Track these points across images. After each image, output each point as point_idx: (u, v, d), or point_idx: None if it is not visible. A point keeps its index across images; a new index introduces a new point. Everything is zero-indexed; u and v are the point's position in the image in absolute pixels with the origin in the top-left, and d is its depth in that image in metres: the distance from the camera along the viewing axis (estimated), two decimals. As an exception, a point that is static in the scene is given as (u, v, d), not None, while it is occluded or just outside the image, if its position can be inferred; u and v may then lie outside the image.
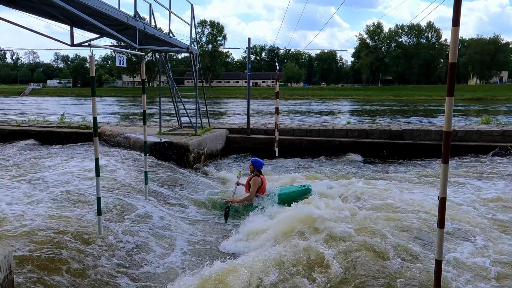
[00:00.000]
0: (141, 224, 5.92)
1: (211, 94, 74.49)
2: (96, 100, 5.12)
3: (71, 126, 15.22)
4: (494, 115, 27.78)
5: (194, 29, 12.08)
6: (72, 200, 6.46)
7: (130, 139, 12.17)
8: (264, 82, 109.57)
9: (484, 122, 17.40)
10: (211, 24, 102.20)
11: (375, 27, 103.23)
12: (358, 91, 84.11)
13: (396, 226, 5.85)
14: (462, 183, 8.94)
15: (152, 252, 5.21)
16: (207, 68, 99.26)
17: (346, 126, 14.90)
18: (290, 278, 4.43)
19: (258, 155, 12.67)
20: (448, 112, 2.99)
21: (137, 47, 7.83)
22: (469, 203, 7.22)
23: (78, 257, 4.55)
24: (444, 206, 3.14)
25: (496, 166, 10.76)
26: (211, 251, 5.62)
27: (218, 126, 14.70)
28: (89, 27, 7.56)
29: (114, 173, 8.44)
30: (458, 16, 2.83)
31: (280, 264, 4.66)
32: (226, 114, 36.41)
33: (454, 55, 2.88)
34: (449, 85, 2.96)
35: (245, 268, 4.50)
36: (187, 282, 4.41)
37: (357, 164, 12.06)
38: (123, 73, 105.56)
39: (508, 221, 6.35)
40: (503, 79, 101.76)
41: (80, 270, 4.37)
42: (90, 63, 5.03)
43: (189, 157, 10.70)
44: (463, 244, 5.37)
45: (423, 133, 13.51)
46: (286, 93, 77.78)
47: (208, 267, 4.66)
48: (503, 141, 13.32)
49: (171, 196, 7.66)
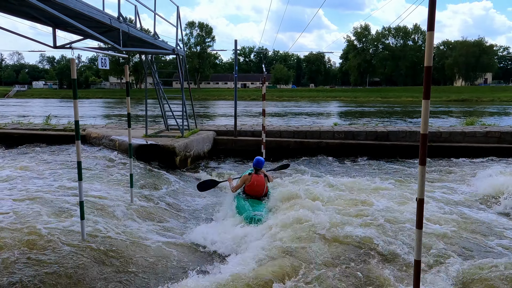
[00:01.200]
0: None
1: (199, 96, 74.29)
2: (82, 102, 5.11)
3: (56, 129, 15.01)
4: (478, 116, 28.27)
5: (180, 30, 12.04)
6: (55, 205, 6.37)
7: (116, 141, 12.05)
8: (253, 84, 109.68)
9: (469, 123, 17.70)
10: (200, 26, 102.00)
11: (363, 29, 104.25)
12: (346, 92, 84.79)
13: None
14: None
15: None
16: (196, 70, 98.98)
17: (333, 127, 15.01)
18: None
19: (246, 157, 12.75)
20: (424, 115, 3.04)
21: (121, 49, 7.77)
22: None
23: (61, 262, 4.49)
24: (422, 207, 3.19)
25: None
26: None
27: (205, 128, 14.67)
28: (72, 29, 7.48)
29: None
30: (432, 21, 2.88)
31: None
32: (214, 116, 36.34)
33: (430, 59, 2.93)
34: (425, 88, 3.01)
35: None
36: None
37: (342, 165, 12.14)
38: (110, 74, 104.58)
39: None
40: (487, 80, 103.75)
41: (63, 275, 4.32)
42: (71, 65, 4.98)
43: (176, 159, 10.65)
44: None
45: (409, 135, 13.69)
46: (275, 94, 77.98)
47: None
48: (486, 142, 13.59)
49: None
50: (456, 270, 4.60)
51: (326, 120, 30.77)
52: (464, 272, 4.58)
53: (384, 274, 4.56)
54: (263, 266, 4.64)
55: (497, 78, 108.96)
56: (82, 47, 6.80)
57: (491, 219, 6.73)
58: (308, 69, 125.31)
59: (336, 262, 4.85)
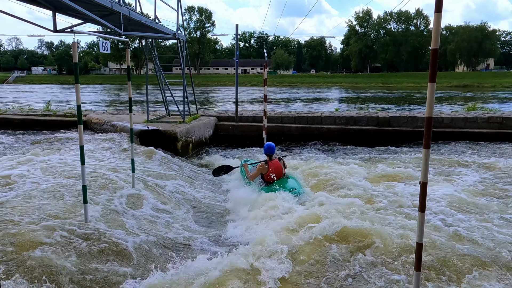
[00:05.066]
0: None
1: (199, 82, 73.87)
2: (82, 88, 5.06)
3: (56, 114, 15.00)
4: (480, 102, 28.16)
5: (181, 15, 11.90)
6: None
7: (117, 127, 12.05)
8: (253, 70, 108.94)
9: (470, 109, 17.64)
10: (199, 11, 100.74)
11: (364, 14, 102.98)
12: (347, 78, 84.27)
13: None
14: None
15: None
16: (196, 55, 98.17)
17: (334, 113, 14.97)
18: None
19: (247, 142, 12.77)
20: (430, 98, 3.02)
21: (122, 33, 7.70)
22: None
23: (66, 245, 4.53)
24: (425, 190, 3.19)
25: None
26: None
27: (206, 114, 14.64)
28: (72, 13, 7.40)
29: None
30: (440, 2, 2.84)
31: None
32: (215, 102, 36.22)
33: (437, 42, 2.89)
34: (431, 71, 2.98)
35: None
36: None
37: (344, 150, 12.15)
38: (109, 60, 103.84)
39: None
40: (490, 66, 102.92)
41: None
42: (73, 49, 4.95)
43: (177, 145, 10.66)
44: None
45: (410, 120, 13.66)
46: (275, 80, 77.53)
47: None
48: (488, 127, 13.57)
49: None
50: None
51: (327, 106, 30.66)
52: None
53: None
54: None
55: (499, 63, 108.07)
56: (83, 31, 6.72)
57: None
58: (309, 54, 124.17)
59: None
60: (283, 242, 4.88)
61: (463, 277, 4.27)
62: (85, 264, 4.31)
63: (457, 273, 4.34)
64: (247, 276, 4.29)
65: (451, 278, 4.28)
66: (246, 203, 6.73)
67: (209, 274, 4.22)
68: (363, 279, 4.32)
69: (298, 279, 4.31)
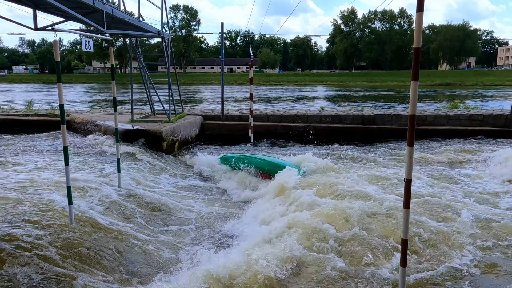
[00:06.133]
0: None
1: (185, 81, 73.40)
2: (65, 87, 4.97)
3: (38, 114, 14.69)
4: (462, 100, 28.72)
5: (166, 13, 11.79)
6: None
7: (101, 126, 11.87)
8: (240, 68, 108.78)
9: (452, 106, 17.98)
10: (185, 9, 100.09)
11: (349, 13, 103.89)
12: (332, 77, 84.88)
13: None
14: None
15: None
16: (181, 54, 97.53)
17: (320, 111, 15.06)
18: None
19: (233, 141, 12.75)
20: (413, 97, 3.06)
21: (105, 31, 7.58)
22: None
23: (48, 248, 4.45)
24: (410, 187, 3.24)
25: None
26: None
27: (192, 113, 14.55)
28: (53, 10, 7.23)
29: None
30: (422, 2, 2.88)
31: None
32: (201, 101, 36.02)
33: (418, 40, 2.93)
34: (414, 70, 3.02)
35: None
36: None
37: (327, 147, 12.23)
38: (93, 58, 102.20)
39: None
40: (471, 65, 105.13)
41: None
42: (54, 48, 4.85)
43: (163, 144, 10.56)
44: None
45: (394, 118, 13.84)
46: (261, 79, 77.58)
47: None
48: (469, 125, 13.84)
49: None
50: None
51: (313, 105, 30.83)
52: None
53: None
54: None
55: (481, 62, 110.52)
56: (65, 29, 6.59)
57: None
58: (295, 53, 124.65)
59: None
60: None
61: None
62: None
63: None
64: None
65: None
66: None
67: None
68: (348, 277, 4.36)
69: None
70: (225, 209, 7.00)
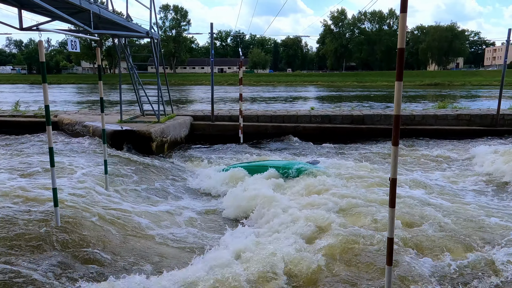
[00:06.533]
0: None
1: (176, 81, 73.02)
2: (53, 88, 4.96)
3: (25, 115, 14.50)
4: (450, 100, 29.03)
5: (155, 13, 11.72)
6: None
7: (90, 127, 11.77)
8: (230, 69, 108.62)
9: (441, 106, 18.19)
10: (175, 9, 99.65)
11: (339, 13, 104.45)
12: (323, 77, 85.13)
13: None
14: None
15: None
16: (172, 54, 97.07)
17: (310, 111, 15.12)
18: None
19: (223, 141, 12.73)
20: (397, 97, 3.09)
21: (92, 31, 7.52)
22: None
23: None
24: (395, 186, 3.27)
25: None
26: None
27: (182, 113, 14.49)
28: (39, 10, 7.15)
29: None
30: (405, 3, 2.91)
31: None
32: (191, 101, 35.88)
33: (402, 41, 2.96)
34: (398, 70, 3.05)
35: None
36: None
37: (318, 147, 12.29)
38: (82, 59, 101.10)
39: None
40: (459, 65, 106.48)
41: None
42: (39, 48, 4.79)
43: (152, 145, 10.50)
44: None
45: (383, 118, 13.96)
46: (252, 79, 77.49)
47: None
48: (457, 124, 14.03)
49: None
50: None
51: (304, 105, 30.91)
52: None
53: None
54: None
55: (468, 62, 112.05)
56: (50, 29, 6.52)
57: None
58: (285, 53, 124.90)
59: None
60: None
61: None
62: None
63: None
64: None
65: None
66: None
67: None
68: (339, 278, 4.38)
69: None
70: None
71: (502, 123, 13.99)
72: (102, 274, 4.28)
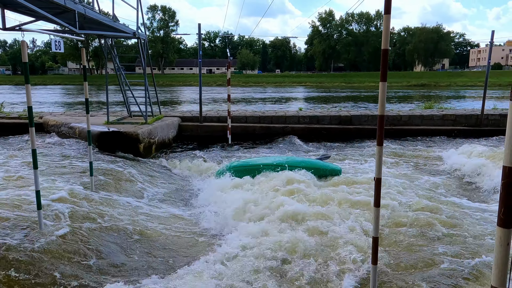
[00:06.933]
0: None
1: (164, 82, 72.55)
2: (39, 89, 4.93)
3: (10, 117, 14.24)
4: (436, 101, 29.45)
5: (141, 13, 11.64)
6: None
7: (76, 129, 11.62)
8: (219, 69, 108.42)
9: (427, 107, 18.44)
10: (162, 10, 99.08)
11: (327, 15, 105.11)
12: (311, 78, 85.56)
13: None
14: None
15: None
16: (160, 55, 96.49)
17: (298, 112, 15.17)
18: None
19: (211, 142, 12.69)
20: (381, 97, 3.12)
21: (77, 31, 7.42)
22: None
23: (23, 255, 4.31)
24: (380, 186, 3.30)
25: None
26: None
27: (170, 114, 14.41)
28: (23, 10, 7.02)
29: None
30: (389, 5, 2.93)
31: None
32: (180, 102, 35.69)
33: (386, 42, 2.99)
34: (382, 71, 3.08)
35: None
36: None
37: (304, 148, 12.33)
38: (68, 59, 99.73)
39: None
40: (445, 66, 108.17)
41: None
42: (22, 48, 4.71)
43: (139, 146, 10.41)
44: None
45: (371, 118, 14.08)
46: (241, 80, 77.45)
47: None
48: (442, 124, 14.23)
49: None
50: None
51: (292, 105, 31.01)
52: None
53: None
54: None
55: (454, 63, 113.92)
56: (34, 29, 6.42)
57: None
58: (274, 54, 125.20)
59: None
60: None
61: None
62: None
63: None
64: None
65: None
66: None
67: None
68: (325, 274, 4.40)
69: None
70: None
71: (486, 123, 14.24)
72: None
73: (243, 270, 4.33)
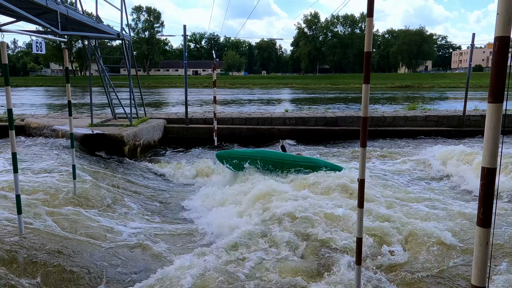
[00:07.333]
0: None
1: (149, 83, 71.94)
2: (21, 90, 4.81)
3: (-10, 119, 13.89)
4: (420, 102, 29.92)
5: (126, 14, 11.52)
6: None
7: (59, 131, 11.41)
8: (205, 71, 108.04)
9: (411, 108, 18.73)
10: (147, 11, 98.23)
11: (312, 17, 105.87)
12: (297, 79, 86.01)
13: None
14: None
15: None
16: (145, 56, 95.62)
17: (284, 114, 15.23)
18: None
19: (197, 144, 12.63)
20: (365, 99, 3.16)
21: (60, 32, 7.30)
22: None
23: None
24: (363, 187, 3.33)
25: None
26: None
27: (155, 116, 14.29)
28: (2, 10, 6.88)
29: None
30: (371, 7, 2.97)
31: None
32: (165, 104, 35.43)
33: (369, 45, 3.03)
34: (365, 73, 3.12)
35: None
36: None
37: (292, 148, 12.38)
38: (51, 60, 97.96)
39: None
40: (428, 68, 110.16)
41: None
42: (1, 49, 4.60)
43: (124, 149, 10.29)
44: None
45: (356, 119, 14.22)
46: (227, 81, 77.33)
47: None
48: (426, 125, 14.46)
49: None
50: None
51: (278, 107, 31.08)
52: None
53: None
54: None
55: (436, 65, 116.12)
56: (14, 30, 6.28)
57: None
58: (260, 56, 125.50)
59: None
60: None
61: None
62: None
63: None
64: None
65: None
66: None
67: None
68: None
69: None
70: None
71: (468, 123, 14.54)
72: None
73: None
